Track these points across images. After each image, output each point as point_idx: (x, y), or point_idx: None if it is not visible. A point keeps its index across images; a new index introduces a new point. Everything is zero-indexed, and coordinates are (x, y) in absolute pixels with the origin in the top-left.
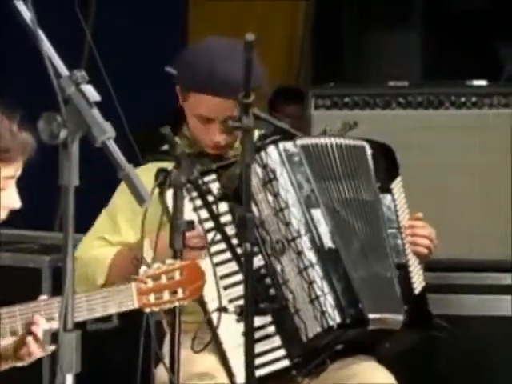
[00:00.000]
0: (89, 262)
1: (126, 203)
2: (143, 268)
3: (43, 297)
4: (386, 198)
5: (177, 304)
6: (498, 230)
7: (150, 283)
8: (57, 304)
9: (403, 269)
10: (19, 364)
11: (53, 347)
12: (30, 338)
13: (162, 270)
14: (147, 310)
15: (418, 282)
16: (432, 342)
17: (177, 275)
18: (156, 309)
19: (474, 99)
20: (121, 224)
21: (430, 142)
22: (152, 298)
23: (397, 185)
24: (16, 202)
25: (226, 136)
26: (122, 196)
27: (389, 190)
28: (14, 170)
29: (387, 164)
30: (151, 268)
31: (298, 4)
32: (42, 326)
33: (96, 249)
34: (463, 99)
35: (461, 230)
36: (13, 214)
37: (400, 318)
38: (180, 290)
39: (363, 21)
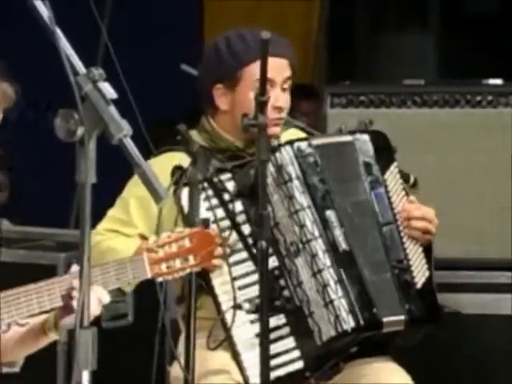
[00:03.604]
0: (105, 251)
1: (138, 198)
2: (153, 238)
3: (74, 267)
4: (379, 193)
5: (189, 271)
6: (508, 228)
7: (161, 252)
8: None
9: (402, 264)
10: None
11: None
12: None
13: (172, 238)
14: (160, 279)
15: (421, 273)
16: (437, 339)
17: (187, 242)
18: (169, 277)
19: (489, 98)
20: (134, 217)
21: (446, 141)
22: (164, 266)
23: (391, 173)
24: None
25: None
26: (134, 189)
27: (382, 183)
28: None
29: (379, 153)
30: (160, 237)
31: (313, 1)
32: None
33: (113, 239)
34: (479, 98)
35: (470, 229)
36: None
37: (401, 318)
38: (191, 257)
39: (379, 19)
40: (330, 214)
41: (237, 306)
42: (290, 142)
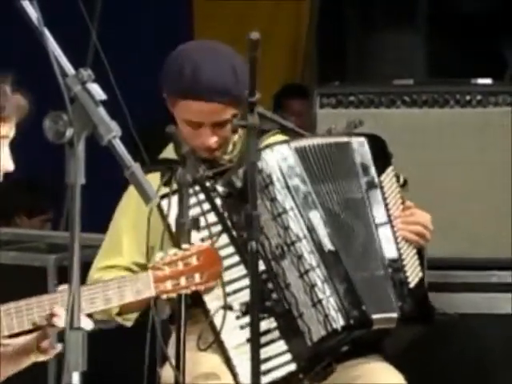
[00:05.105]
0: None
1: (129, 230)
2: (160, 254)
3: (61, 287)
4: (375, 193)
5: (194, 289)
6: (498, 227)
7: (167, 270)
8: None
9: (396, 264)
10: (42, 359)
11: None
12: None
13: (179, 256)
14: (164, 296)
15: (414, 274)
16: (432, 339)
17: (194, 261)
18: (173, 294)
19: (478, 98)
20: (124, 245)
21: (435, 141)
22: (169, 284)
23: (388, 176)
24: (9, 165)
25: (217, 138)
26: (124, 222)
27: (377, 184)
28: (8, 128)
29: (376, 156)
30: (167, 254)
31: (303, 2)
32: (63, 317)
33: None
34: (468, 98)
35: (462, 228)
36: None
37: (394, 315)
38: (197, 275)
39: (368, 19)
40: (314, 214)
41: (226, 307)
42: (270, 146)
